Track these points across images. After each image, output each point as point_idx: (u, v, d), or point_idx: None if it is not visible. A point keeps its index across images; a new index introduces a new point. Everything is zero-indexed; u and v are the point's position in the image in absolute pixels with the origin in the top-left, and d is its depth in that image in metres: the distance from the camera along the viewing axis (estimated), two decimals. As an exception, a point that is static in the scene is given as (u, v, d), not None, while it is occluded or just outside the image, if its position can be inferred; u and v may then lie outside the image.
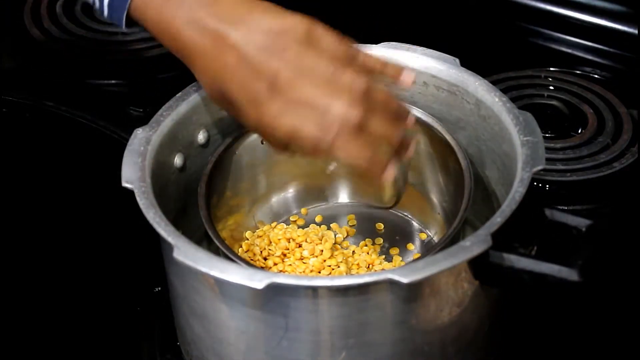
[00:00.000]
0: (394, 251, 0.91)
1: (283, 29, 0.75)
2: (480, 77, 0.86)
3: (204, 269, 0.71)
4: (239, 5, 0.76)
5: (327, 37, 0.76)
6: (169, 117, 0.84)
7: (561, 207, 0.81)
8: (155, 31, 0.79)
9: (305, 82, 0.74)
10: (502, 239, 0.73)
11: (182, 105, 0.85)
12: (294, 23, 0.76)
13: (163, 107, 0.84)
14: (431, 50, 0.88)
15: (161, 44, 0.80)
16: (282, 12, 0.76)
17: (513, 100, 0.94)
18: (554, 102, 1.09)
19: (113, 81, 1.15)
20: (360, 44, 0.89)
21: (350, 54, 0.76)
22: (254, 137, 0.90)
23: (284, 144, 0.76)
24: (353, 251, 0.90)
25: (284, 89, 0.74)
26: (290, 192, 0.95)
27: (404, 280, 0.70)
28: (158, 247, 0.79)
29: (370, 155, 0.75)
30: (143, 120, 0.84)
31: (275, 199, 0.94)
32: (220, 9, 0.76)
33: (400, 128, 0.77)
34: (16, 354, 0.88)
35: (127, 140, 0.81)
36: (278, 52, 0.74)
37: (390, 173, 0.77)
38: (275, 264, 0.88)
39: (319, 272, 0.87)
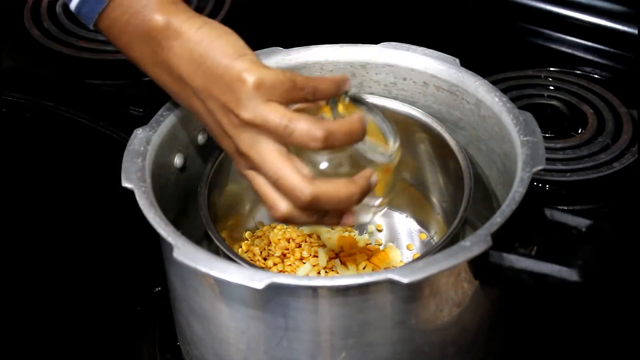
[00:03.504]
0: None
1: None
2: (480, 77, 0.86)
3: (204, 269, 0.71)
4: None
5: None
6: (169, 117, 0.84)
7: (561, 207, 0.81)
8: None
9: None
10: (502, 239, 0.73)
11: (182, 105, 0.85)
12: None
13: (163, 107, 0.84)
14: (431, 50, 0.88)
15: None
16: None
17: (513, 100, 0.94)
18: (554, 102, 1.09)
19: (113, 81, 1.15)
20: (360, 44, 0.89)
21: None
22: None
23: None
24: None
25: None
26: (290, 192, 0.94)
27: (404, 280, 0.70)
28: (158, 247, 0.79)
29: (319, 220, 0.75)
30: (143, 120, 0.84)
31: (275, 199, 0.94)
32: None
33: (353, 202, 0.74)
34: (16, 354, 0.88)
35: (127, 140, 0.81)
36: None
37: (349, 221, 0.76)
38: (275, 264, 0.88)
39: (319, 273, 0.87)
